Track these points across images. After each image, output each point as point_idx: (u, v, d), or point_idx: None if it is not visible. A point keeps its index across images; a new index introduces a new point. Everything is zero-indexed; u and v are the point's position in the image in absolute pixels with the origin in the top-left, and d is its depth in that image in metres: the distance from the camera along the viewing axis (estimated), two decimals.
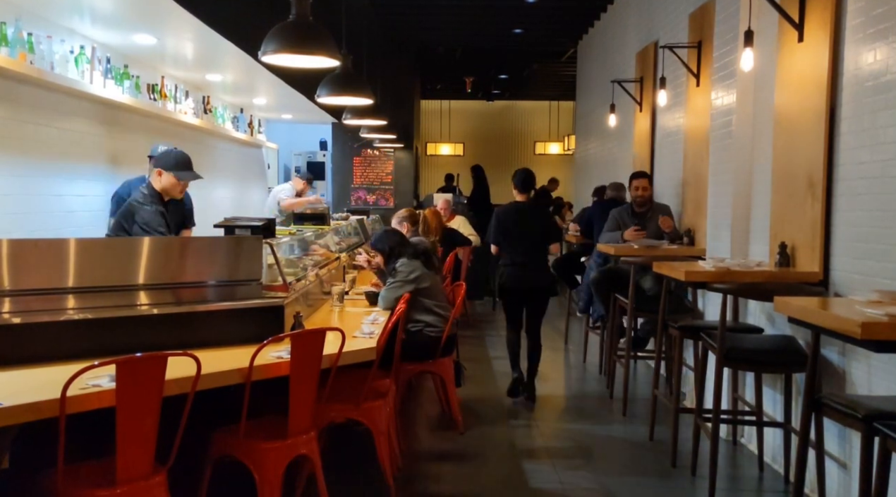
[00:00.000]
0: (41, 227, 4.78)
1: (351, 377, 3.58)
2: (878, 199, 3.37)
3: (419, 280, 4.56)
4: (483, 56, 13.27)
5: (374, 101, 5.50)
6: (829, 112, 3.77)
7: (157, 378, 2.47)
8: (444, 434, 4.87)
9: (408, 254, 4.66)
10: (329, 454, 3.53)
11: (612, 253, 5.79)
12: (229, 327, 3.25)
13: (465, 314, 8.44)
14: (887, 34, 3.33)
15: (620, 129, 8.50)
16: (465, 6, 10.01)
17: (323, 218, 6.85)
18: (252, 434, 2.98)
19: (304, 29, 3.55)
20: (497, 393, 5.84)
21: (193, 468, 2.97)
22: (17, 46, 4.23)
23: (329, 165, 13.33)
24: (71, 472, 2.46)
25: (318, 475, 3.16)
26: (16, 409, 2.28)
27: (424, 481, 4.09)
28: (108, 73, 5.41)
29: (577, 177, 12.28)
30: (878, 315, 2.53)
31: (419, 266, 4.61)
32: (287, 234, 5.34)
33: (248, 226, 3.95)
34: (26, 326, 2.87)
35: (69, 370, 2.31)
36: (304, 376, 3.01)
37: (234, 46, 5.45)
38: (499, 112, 18.07)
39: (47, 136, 4.97)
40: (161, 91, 6.59)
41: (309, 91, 6.84)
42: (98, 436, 2.51)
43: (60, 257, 3.06)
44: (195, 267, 3.40)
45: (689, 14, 6.05)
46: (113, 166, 5.89)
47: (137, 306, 3.14)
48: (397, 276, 4.55)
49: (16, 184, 4.62)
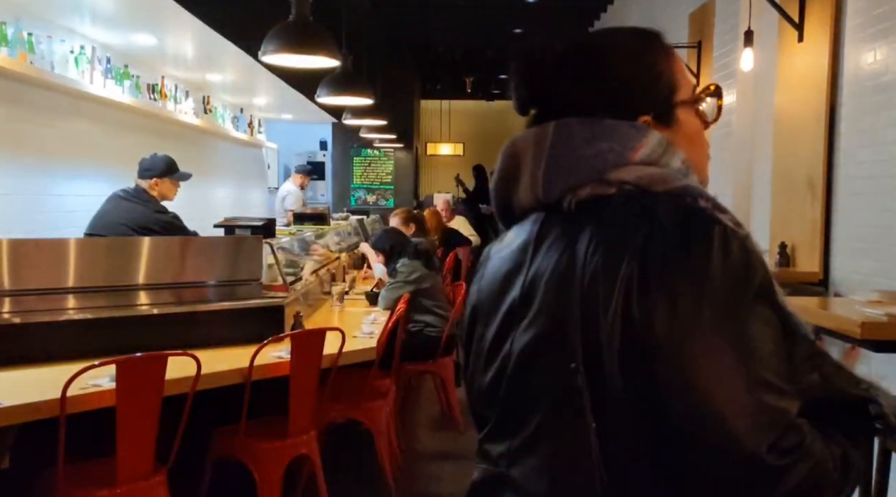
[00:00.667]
0: (41, 227, 4.78)
1: (351, 377, 3.58)
2: (878, 199, 3.37)
3: (419, 280, 4.56)
4: (483, 56, 13.26)
5: (374, 101, 5.50)
6: (829, 112, 3.77)
7: (157, 378, 2.47)
8: (444, 434, 4.87)
9: (409, 254, 4.66)
10: (329, 454, 3.53)
11: None
12: (229, 327, 3.25)
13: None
14: (887, 34, 3.33)
15: None
16: (465, 6, 10.00)
17: (323, 218, 6.84)
18: (252, 434, 2.98)
19: (304, 29, 3.55)
20: None
21: (193, 468, 2.96)
22: (17, 46, 4.23)
23: (329, 165, 13.32)
24: (71, 472, 2.46)
25: (318, 475, 3.16)
26: (16, 409, 2.28)
27: (424, 481, 4.09)
28: (108, 73, 5.41)
29: None
30: (878, 315, 2.53)
31: (419, 266, 4.61)
32: (287, 234, 5.34)
33: (248, 226, 3.95)
34: (26, 326, 2.87)
35: (69, 370, 2.31)
36: (304, 376, 3.01)
37: (234, 46, 5.44)
38: (499, 112, 18.03)
39: (47, 136, 4.97)
40: (161, 91, 6.59)
41: (309, 91, 6.83)
42: (98, 436, 2.51)
43: (60, 257, 3.06)
44: (195, 267, 3.40)
45: (689, 14, 6.05)
46: (113, 166, 5.88)
47: (137, 306, 3.14)
48: (398, 276, 4.55)
49: (16, 184, 4.62)
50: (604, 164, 0.96)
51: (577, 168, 0.97)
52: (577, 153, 0.97)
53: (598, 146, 0.96)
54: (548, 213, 1.00)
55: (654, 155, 0.96)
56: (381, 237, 4.89)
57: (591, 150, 0.96)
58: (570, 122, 0.99)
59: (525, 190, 1.02)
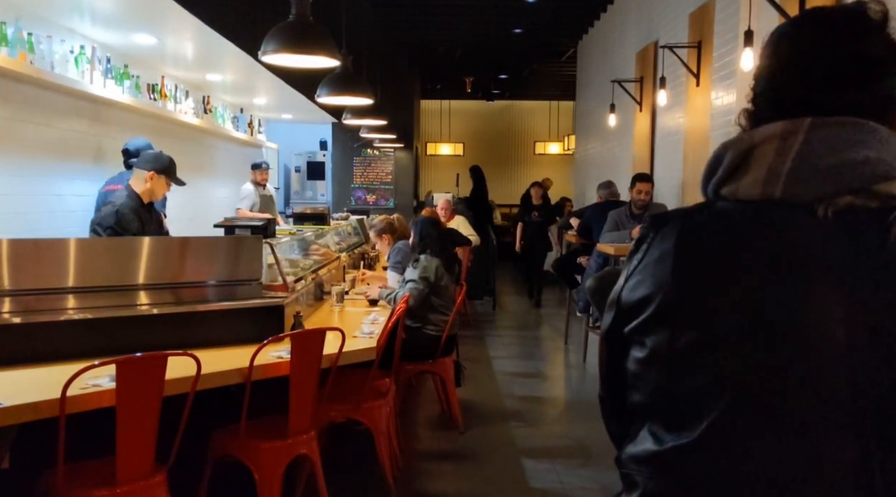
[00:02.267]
0: (41, 227, 4.78)
1: (351, 377, 3.58)
2: None
3: (439, 278, 4.60)
4: (483, 56, 13.26)
5: (374, 101, 5.50)
6: None
7: (157, 378, 2.47)
8: (444, 434, 4.87)
9: (432, 250, 4.68)
10: (329, 454, 3.53)
11: (611, 253, 5.78)
12: (229, 327, 3.25)
13: (465, 314, 8.44)
14: None
15: (620, 129, 8.50)
16: (465, 6, 10.00)
17: (323, 218, 6.85)
18: (252, 434, 2.98)
19: (304, 29, 3.54)
20: (497, 393, 5.84)
21: (193, 468, 2.97)
22: (17, 46, 4.23)
23: (329, 165, 13.33)
24: (71, 472, 2.46)
25: (319, 475, 3.16)
26: (16, 409, 2.28)
27: (424, 481, 4.09)
28: (108, 73, 5.41)
29: (577, 177, 12.28)
30: None
31: (440, 265, 4.65)
32: (287, 233, 5.35)
33: (248, 226, 3.95)
34: (26, 326, 2.87)
35: (69, 370, 2.31)
36: (304, 376, 3.01)
37: (234, 46, 5.44)
38: (499, 112, 18.05)
39: (47, 136, 4.97)
40: (161, 91, 6.59)
41: (309, 91, 6.83)
42: (98, 436, 2.51)
43: (60, 257, 3.06)
44: (195, 267, 3.40)
45: (689, 14, 6.05)
46: (113, 166, 5.88)
47: (137, 306, 3.14)
48: (419, 269, 4.57)
49: (16, 184, 4.62)
50: (872, 174, 0.87)
51: (837, 172, 0.87)
52: (839, 156, 0.88)
53: (864, 153, 0.87)
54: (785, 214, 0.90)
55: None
56: (418, 221, 4.96)
57: (858, 155, 0.87)
58: (831, 121, 0.90)
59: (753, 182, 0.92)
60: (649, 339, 0.97)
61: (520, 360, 7.16)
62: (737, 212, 0.93)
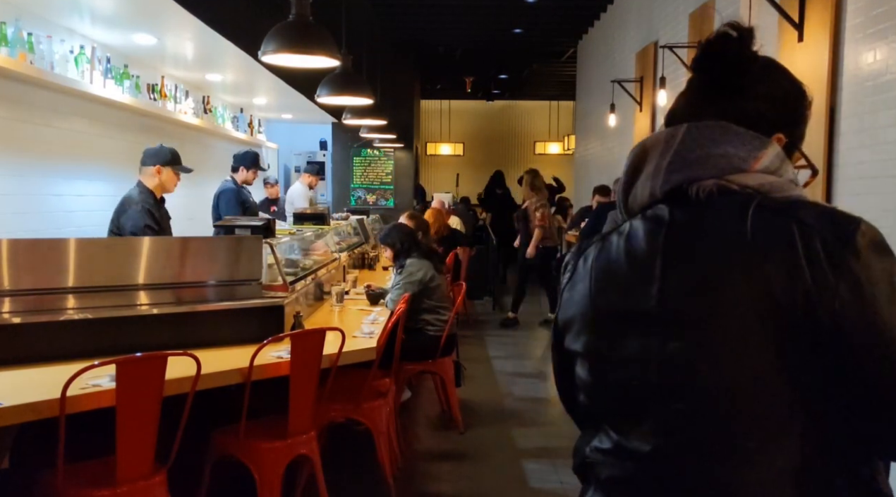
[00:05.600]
0: (41, 227, 4.78)
1: (351, 377, 3.58)
2: (878, 199, 3.37)
3: (429, 279, 4.58)
4: (483, 56, 13.26)
5: (374, 101, 5.50)
6: (829, 112, 3.77)
7: (157, 378, 2.47)
8: (444, 434, 4.87)
9: (418, 252, 4.66)
10: (329, 454, 3.53)
11: None
12: (229, 327, 3.25)
13: (465, 314, 8.44)
14: (887, 34, 3.33)
15: (620, 129, 8.50)
16: (465, 6, 10.00)
17: (323, 218, 6.84)
18: (252, 434, 2.98)
19: (304, 29, 3.55)
20: (497, 393, 5.83)
21: (193, 468, 2.97)
22: (17, 46, 4.23)
23: (329, 165, 13.33)
24: (71, 472, 2.46)
25: (318, 475, 3.16)
26: (16, 409, 2.28)
27: (424, 481, 4.09)
28: (108, 73, 5.41)
29: (577, 177, 12.28)
30: None
31: (429, 266, 4.62)
32: (287, 233, 5.34)
33: (248, 226, 3.95)
34: (26, 326, 2.87)
35: (69, 370, 2.31)
36: (304, 376, 3.01)
37: (234, 46, 5.45)
38: (499, 112, 18.06)
39: (47, 136, 4.97)
40: (161, 91, 6.59)
41: (309, 91, 6.84)
42: (98, 436, 2.51)
43: (60, 257, 3.06)
44: (195, 267, 3.39)
45: (689, 14, 6.05)
46: (113, 166, 5.89)
47: (137, 306, 3.14)
48: (405, 274, 4.55)
49: (16, 184, 4.62)
50: (727, 165, 1.03)
51: (701, 163, 1.03)
52: (704, 150, 1.04)
53: (724, 148, 1.04)
54: (671, 204, 1.05)
55: (773, 166, 1.04)
56: (389, 232, 4.88)
57: (718, 150, 1.04)
58: (701, 124, 1.06)
59: (644, 180, 1.08)
60: (581, 350, 1.12)
61: (520, 360, 7.16)
62: (635, 228, 1.08)
